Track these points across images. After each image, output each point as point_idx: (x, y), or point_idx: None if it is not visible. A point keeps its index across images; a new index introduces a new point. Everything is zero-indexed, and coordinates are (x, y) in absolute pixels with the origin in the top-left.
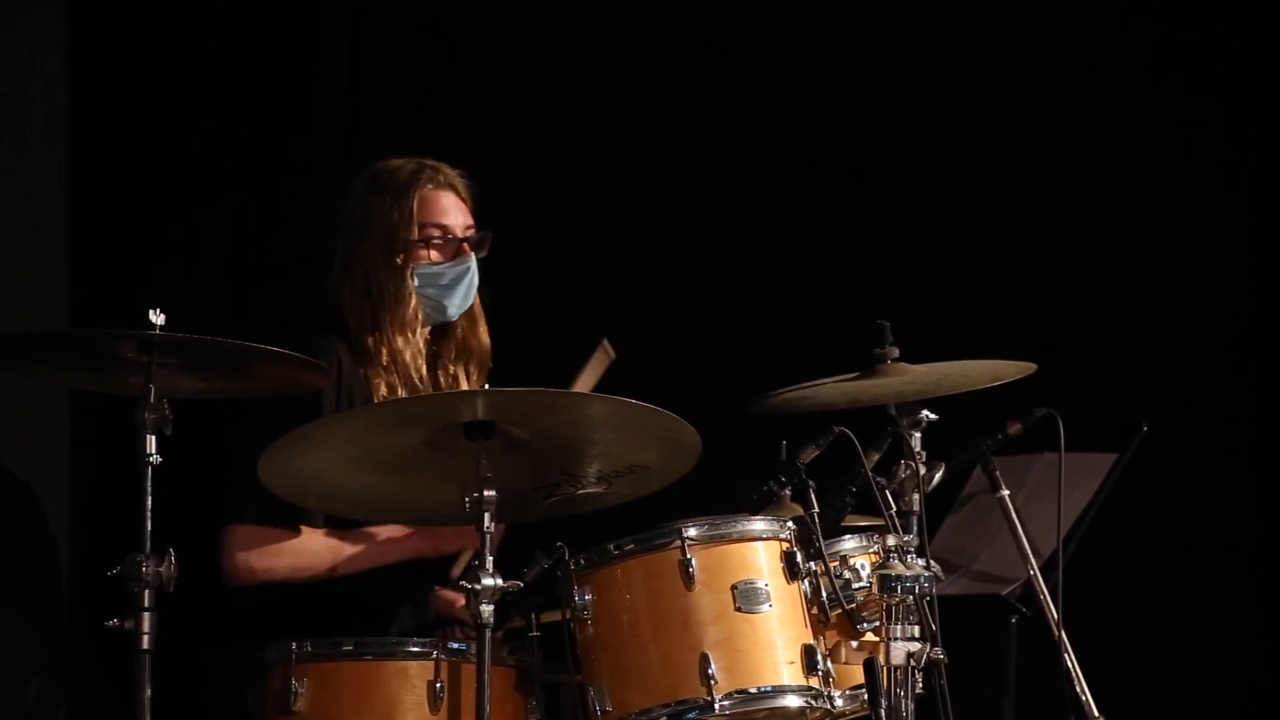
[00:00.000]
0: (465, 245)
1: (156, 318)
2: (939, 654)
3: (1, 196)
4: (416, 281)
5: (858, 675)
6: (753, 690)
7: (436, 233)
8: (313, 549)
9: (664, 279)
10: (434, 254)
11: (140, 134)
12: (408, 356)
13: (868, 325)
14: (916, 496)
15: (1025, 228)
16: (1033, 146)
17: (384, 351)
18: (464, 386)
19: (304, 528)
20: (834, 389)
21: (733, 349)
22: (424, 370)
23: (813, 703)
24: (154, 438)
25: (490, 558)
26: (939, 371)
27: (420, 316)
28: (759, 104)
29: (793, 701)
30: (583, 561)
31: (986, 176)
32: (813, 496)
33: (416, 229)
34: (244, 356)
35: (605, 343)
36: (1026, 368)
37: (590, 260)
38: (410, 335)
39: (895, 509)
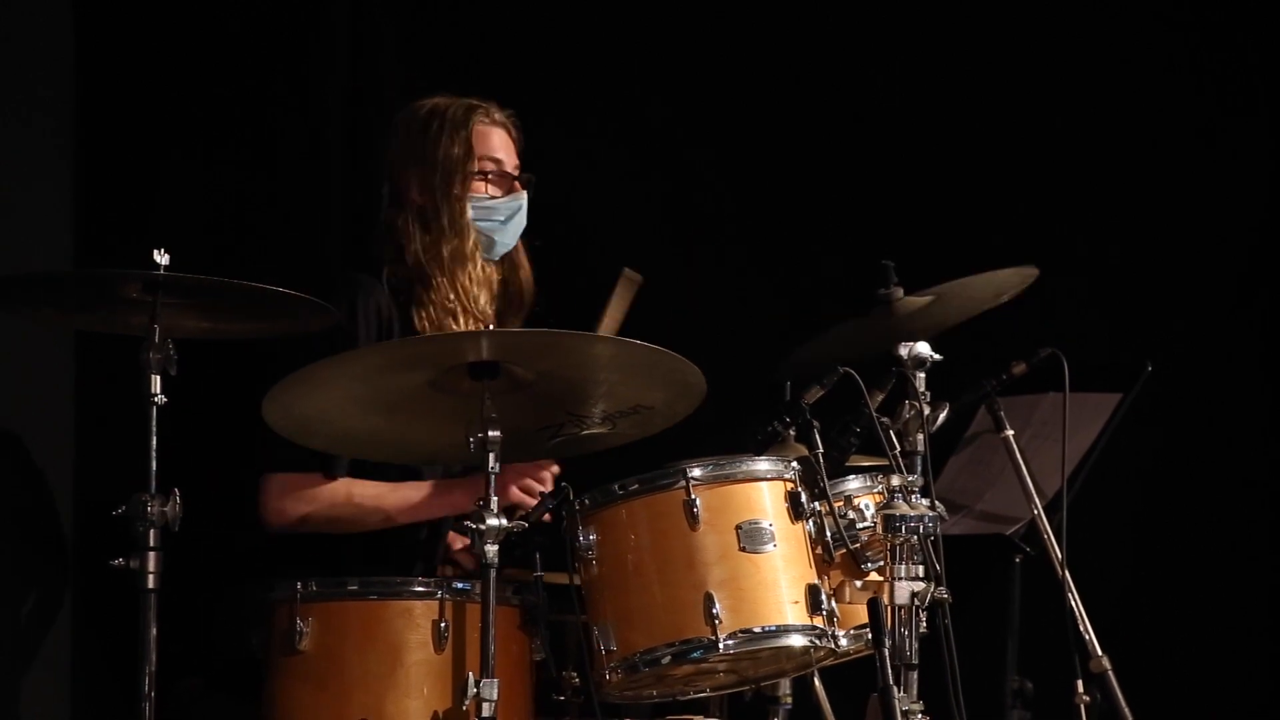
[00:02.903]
0: (518, 183)
1: (161, 257)
2: (943, 594)
3: (5, 135)
4: (471, 214)
5: (862, 615)
6: (757, 630)
7: (492, 166)
8: (349, 499)
9: (669, 219)
10: (490, 188)
11: (144, 71)
12: (473, 287)
13: (872, 263)
14: (921, 436)
15: (1031, 165)
16: (1036, 81)
17: (445, 284)
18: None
19: (341, 477)
20: (844, 335)
21: (738, 289)
22: (482, 302)
23: (817, 642)
24: (159, 378)
25: (495, 498)
26: (939, 291)
27: (480, 247)
28: (765, 43)
29: (797, 641)
30: (587, 501)
31: (989, 113)
32: (817, 437)
33: (475, 161)
34: (248, 296)
35: (627, 271)
36: (1029, 274)
37: (595, 201)
38: (473, 267)
39: (899, 449)
